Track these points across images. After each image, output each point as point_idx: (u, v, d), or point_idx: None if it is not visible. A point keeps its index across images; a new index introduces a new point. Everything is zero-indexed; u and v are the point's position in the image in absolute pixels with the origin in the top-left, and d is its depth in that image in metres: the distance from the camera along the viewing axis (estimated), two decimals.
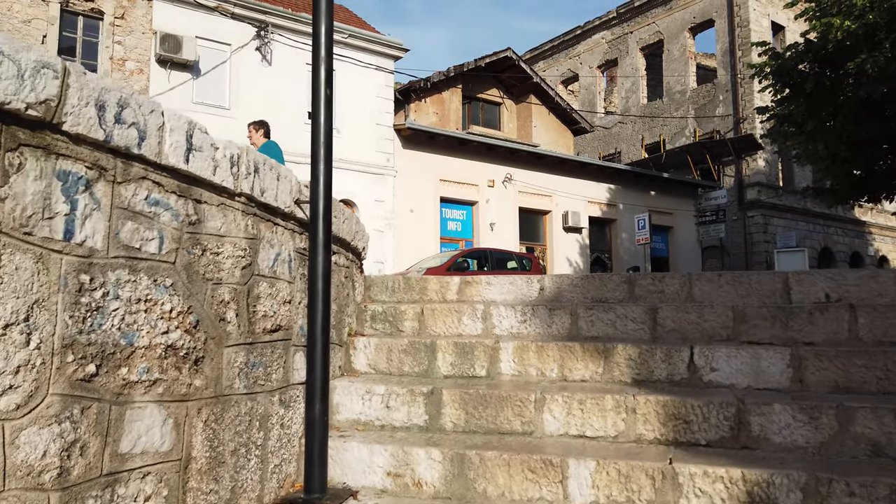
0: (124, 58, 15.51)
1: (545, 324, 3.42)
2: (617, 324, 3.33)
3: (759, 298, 3.46)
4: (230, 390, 2.13)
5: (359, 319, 3.65)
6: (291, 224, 2.63)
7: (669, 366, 2.92)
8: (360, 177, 18.15)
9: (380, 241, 18.30)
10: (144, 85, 15.65)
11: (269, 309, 2.39)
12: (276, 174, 2.44)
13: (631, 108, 30.58)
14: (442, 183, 19.46)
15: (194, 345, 1.97)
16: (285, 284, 2.53)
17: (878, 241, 31.94)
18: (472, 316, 3.53)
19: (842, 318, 3.06)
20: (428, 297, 3.94)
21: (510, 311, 3.49)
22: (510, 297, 3.82)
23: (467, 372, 3.17)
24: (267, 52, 17.15)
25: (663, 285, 3.61)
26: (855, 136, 11.85)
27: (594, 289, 3.71)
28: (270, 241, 2.42)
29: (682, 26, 28.69)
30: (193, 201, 1.98)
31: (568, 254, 21.68)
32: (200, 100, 16.15)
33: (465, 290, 3.91)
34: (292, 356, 2.57)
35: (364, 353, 3.31)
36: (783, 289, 3.44)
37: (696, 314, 3.25)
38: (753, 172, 26.28)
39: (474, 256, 16.29)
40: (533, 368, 3.09)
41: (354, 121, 18.26)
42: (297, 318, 2.61)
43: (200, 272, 2.01)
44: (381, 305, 3.70)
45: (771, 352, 2.84)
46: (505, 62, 22.25)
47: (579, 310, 3.40)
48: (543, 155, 21.13)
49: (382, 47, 18.94)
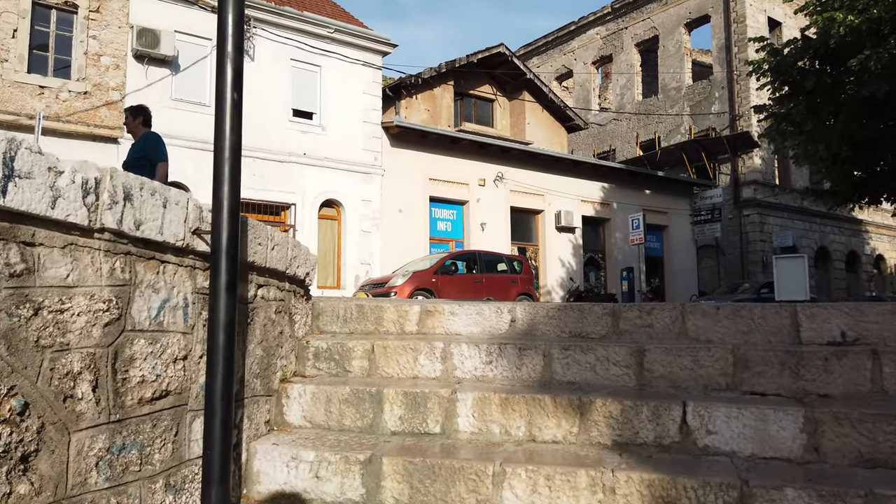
0: (100, 53, 14.94)
1: (514, 366, 2.91)
2: (597, 367, 2.83)
3: (763, 336, 2.96)
4: (83, 488, 1.63)
5: (300, 358, 3.14)
6: (190, 259, 2.12)
7: (658, 426, 2.43)
8: (347, 176, 17.62)
9: (367, 242, 17.79)
10: (121, 81, 15.09)
11: (149, 372, 1.89)
12: (162, 199, 1.93)
13: (626, 104, 30.10)
14: (431, 182, 18.95)
15: (21, 437, 1.48)
16: (177, 337, 2.03)
17: (874, 240, 31.60)
18: (430, 355, 3.02)
19: (863, 365, 2.56)
20: (384, 327, 3.43)
21: (474, 351, 2.98)
22: (477, 329, 3.31)
23: (419, 428, 2.67)
24: (249, 46, 16.59)
25: (652, 318, 3.11)
26: (857, 136, 11.36)
27: (573, 321, 3.20)
28: (154, 286, 1.92)
29: (678, 22, 28.22)
30: (19, 245, 1.47)
31: (561, 254, 21.20)
32: (180, 96, 15.61)
33: (427, 321, 3.40)
34: (188, 425, 2.07)
35: (299, 402, 2.81)
36: (791, 325, 2.94)
37: (689, 358, 2.75)
38: (749, 170, 25.86)
39: (463, 259, 15.79)
40: (496, 425, 2.60)
41: (340, 118, 17.73)
42: (198, 377, 2.11)
43: (31, 339, 1.52)
44: (327, 340, 3.19)
45: (780, 412, 2.34)
46: (498, 58, 21.75)
47: (554, 349, 2.89)
48: (536, 153, 20.63)
49: (369, 42, 18.40)
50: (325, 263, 17.34)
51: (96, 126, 14.55)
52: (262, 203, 16.34)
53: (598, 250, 22.81)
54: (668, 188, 23.97)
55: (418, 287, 13.84)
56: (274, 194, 16.49)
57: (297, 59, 17.29)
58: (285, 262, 2.89)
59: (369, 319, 3.44)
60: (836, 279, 28.69)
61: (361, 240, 17.81)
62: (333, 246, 17.66)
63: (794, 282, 11.30)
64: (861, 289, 29.51)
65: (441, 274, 14.39)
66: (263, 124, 16.48)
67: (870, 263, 31.36)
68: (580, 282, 21.03)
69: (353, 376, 3.07)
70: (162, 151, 5.76)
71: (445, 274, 14.48)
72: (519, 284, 15.62)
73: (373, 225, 17.92)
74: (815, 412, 2.32)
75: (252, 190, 16.16)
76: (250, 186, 16.12)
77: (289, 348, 3.03)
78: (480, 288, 14.87)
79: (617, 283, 21.50)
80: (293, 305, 3.11)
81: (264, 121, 16.52)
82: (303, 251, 3.13)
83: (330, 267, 17.52)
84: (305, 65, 17.47)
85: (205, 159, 15.60)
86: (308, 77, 17.52)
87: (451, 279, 14.54)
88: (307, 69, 17.51)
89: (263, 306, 2.68)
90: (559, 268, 21.08)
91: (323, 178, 17.24)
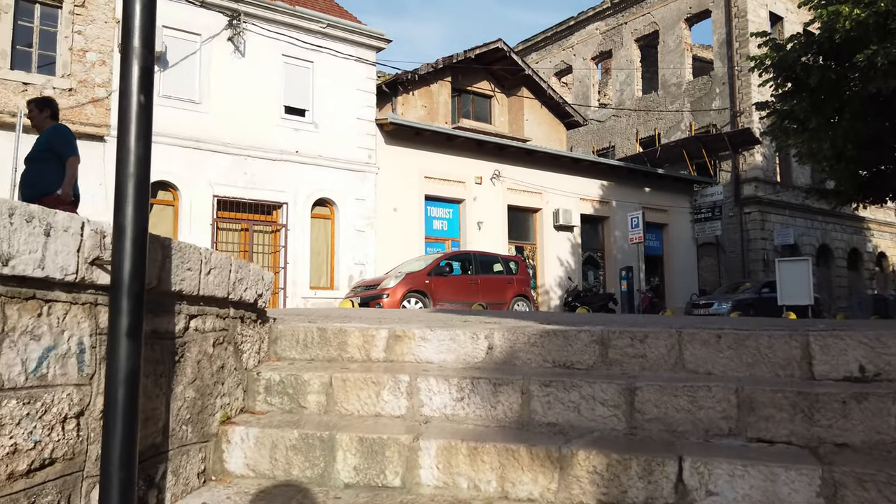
0: (85, 48, 14.57)
1: (488, 403, 2.57)
2: (582, 407, 2.48)
3: (770, 369, 2.61)
4: None
5: (250, 391, 2.79)
6: (89, 295, 1.77)
7: (650, 485, 2.08)
8: (340, 174, 17.26)
9: (361, 242, 17.45)
10: (107, 77, 14.73)
11: (23, 439, 1.54)
12: (43, 226, 1.58)
13: (625, 101, 29.73)
14: (427, 180, 18.60)
15: None
16: (68, 392, 1.68)
17: (876, 238, 31.29)
18: (394, 390, 2.67)
19: (886, 410, 2.22)
20: (348, 353, 3.08)
21: (443, 386, 2.63)
22: (451, 356, 2.96)
23: (375, 480, 2.32)
24: (240, 42, 16.22)
25: (645, 347, 2.75)
26: (862, 134, 10.97)
27: (556, 349, 2.84)
28: (34, 332, 1.58)
29: (678, 17, 27.84)
30: None
31: (559, 253, 20.85)
32: (168, 93, 15.24)
33: (396, 347, 3.04)
34: (84, 496, 1.72)
35: (241, 448, 2.46)
36: (802, 357, 2.59)
37: (687, 398, 2.40)
38: (750, 167, 25.51)
39: (457, 259, 15.43)
40: (463, 478, 2.25)
41: (334, 115, 17.37)
42: (100, 436, 1.77)
43: None
44: (281, 371, 2.84)
45: (793, 471, 1.99)
46: (496, 53, 21.39)
47: (533, 385, 2.54)
48: (534, 150, 20.27)
49: (363, 38, 18.02)
50: (318, 263, 17.00)
51: (82, 124, 14.19)
52: (252, 202, 15.99)
53: (597, 249, 22.46)
54: (668, 186, 23.61)
55: (411, 289, 13.50)
56: (265, 193, 16.14)
57: (289, 54, 16.92)
58: (226, 286, 2.54)
59: (332, 345, 3.09)
60: (837, 277, 28.35)
61: (355, 239, 17.45)
62: (327, 246, 17.32)
63: (797, 285, 10.92)
64: (863, 287, 29.22)
65: (435, 275, 14.05)
66: (254, 122, 16.13)
67: (872, 261, 31.06)
68: (579, 281, 20.69)
69: (308, 413, 2.72)
70: (72, 145, 5.15)
71: (439, 275, 14.13)
72: (515, 286, 15.26)
73: (367, 224, 17.58)
74: (833, 472, 1.97)
75: (243, 189, 15.82)
76: (241, 185, 15.79)
77: (234, 383, 2.68)
78: (475, 289, 14.53)
79: (616, 282, 21.16)
80: (241, 333, 2.76)
81: (255, 118, 16.17)
82: (252, 272, 2.78)
83: (323, 267, 17.18)
84: (298, 61, 17.10)
85: (194, 158, 15.28)
86: (300, 73, 17.15)
87: (446, 280, 14.19)
88: (299, 65, 17.13)
89: (197, 340, 2.33)
90: (557, 267, 20.74)
91: (316, 176, 16.88)
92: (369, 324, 3.24)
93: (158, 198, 15.11)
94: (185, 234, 15.06)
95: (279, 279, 16.25)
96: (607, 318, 5.02)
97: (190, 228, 15.10)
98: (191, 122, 15.38)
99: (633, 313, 19.93)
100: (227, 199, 15.65)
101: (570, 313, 9.31)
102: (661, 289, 23.36)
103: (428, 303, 13.63)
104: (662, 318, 7.02)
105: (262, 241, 16.42)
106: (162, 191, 15.16)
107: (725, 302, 19.04)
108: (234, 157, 15.79)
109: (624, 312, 20.09)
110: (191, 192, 15.22)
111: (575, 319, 4.44)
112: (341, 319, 3.70)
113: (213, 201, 15.44)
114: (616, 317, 6.11)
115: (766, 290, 19.89)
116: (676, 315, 17.68)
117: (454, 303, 14.05)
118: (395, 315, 5.08)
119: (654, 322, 4.59)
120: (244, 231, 16.10)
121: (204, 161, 15.40)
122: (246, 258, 16.04)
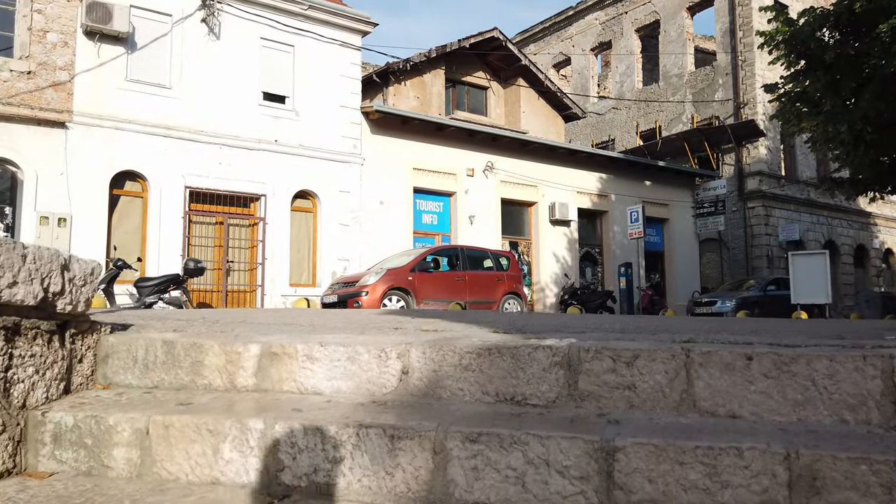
0: (45, 28, 13.59)
1: (381, 469, 1.61)
2: (528, 479, 1.52)
3: (832, 411, 1.65)
4: None
5: (32, 442, 1.83)
6: None
7: None
8: (323, 165, 16.28)
9: (345, 237, 16.47)
10: (70, 60, 13.74)
11: None
12: None
13: (625, 92, 28.73)
14: (416, 172, 17.64)
15: None
16: None
17: (883, 233, 30.38)
18: (241, 444, 1.71)
19: None
20: (204, 379, 2.12)
21: (315, 439, 1.66)
22: (348, 385, 2.00)
23: None
24: (214, 24, 15.24)
25: (635, 374, 1.78)
26: (885, 116, 9.92)
27: (501, 375, 1.88)
28: None
29: (680, 5, 26.83)
30: None
31: (555, 249, 19.89)
32: (136, 77, 14.26)
33: (272, 370, 2.08)
34: None
35: None
36: (884, 392, 1.64)
37: (702, 467, 1.44)
38: (754, 161, 24.54)
39: (444, 255, 14.45)
40: None
41: (316, 102, 16.38)
42: None
43: None
44: (78, 412, 1.88)
45: None
46: (491, 43, 20.43)
47: (453, 439, 1.58)
48: (528, 141, 19.29)
49: (348, 21, 17.03)
50: (298, 259, 16.03)
51: (41, 109, 13.22)
52: (228, 194, 15.00)
53: (595, 244, 21.50)
54: (669, 179, 22.63)
55: (392, 286, 12.52)
56: (242, 184, 15.15)
57: (268, 37, 15.93)
58: None
59: (182, 366, 2.12)
60: (843, 274, 27.40)
61: (339, 234, 16.48)
62: (308, 240, 16.35)
63: (813, 282, 9.88)
64: (869, 284, 28.30)
65: (419, 271, 13.07)
66: (230, 108, 15.15)
67: (878, 258, 30.17)
68: (575, 278, 19.73)
69: (113, 478, 1.76)
70: None
71: (424, 271, 13.15)
72: (506, 282, 14.28)
73: (352, 218, 16.60)
74: None
75: (218, 179, 14.84)
76: (216, 176, 14.80)
77: None
78: (462, 287, 13.55)
79: (615, 279, 20.22)
80: (17, 354, 1.80)
81: (231, 105, 15.18)
82: (32, 256, 1.80)
83: (304, 263, 16.21)
84: (277, 44, 16.11)
85: (165, 147, 14.28)
86: (280, 58, 16.16)
87: (430, 277, 13.22)
88: (279, 49, 16.15)
89: None
90: (553, 263, 19.77)
91: (296, 166, 15.90)
92: (232, 341, 2.25)
93: (126, 189, 14.17)
94: (155, 228, 14.11)
95: (256, 275, 15.31)
96: (592, 323, 4.04)
97: (160, 222, 14.14)
98: (161, 108, 14.40)
99: (633, 312, 18.96)
100: (201, 191, 14.67)
101: (539, 316, 8.33)
102: (662, 286, 22.41)
103: (411, 301, 12.67)
104: (663, 320, 6.05)
105: (238, 235, 15.45)
106: (130, 181, 14.20)
107: (729, 300, 18.10)
108: (208, 145, 14.80)
109: (623, 310, 19.14)
110: (161, 182, 14.24)
111: (540, 325, 3.48)
112: (229, 327, 2.72)
113: (185, 193, 14.46)
114: (606, 320, 5.14)
115: (772, 287, 18.92)
116: (678, 316, 16.73)
117: (439, 301, 13.10)
118: (330, 321, 4.11)
119: (653, 329, 3.62)
120: (219, 225, 15.12)
121: (175, 150, 14.42)
122: (221, 253, 15.07)
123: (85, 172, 13.33)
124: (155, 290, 12.11)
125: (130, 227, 14.04)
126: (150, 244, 14.00)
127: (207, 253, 14.79)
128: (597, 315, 11.63)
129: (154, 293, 12.08)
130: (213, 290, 14.88)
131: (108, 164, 13.58)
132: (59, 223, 13.12)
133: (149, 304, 11.95)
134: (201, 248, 14.73)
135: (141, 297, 12.05)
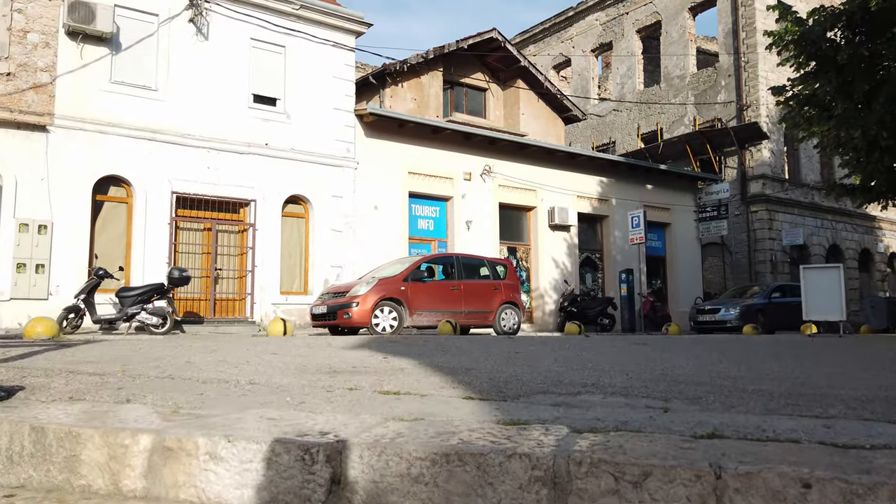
0: (26, 29, 13.11)
1: None
2: None
3: None
4: None
5: None
6: None
7: None
8: (315, 169, 15.78)
9: (338, 243, 15.97)
10: (51, 61, 13.26)
11: None
12: None
13: (626, 94, 28.26)
14: (411, 176, 17.15)
15: None
16: None
17: (888, 237, 29.93)
18: None
19: None
20: (82, 480, 1.61)
21: None
22: (262, 497, 1.52)
23: None
24: (202, 24, 14.76)
25: (644, 501, 1.31)
26: None
27: (463, 494, 1.38)
28: None
29: (682, 6, 26.37)
30: None
31: (554, 254, 19.40)
32: (121, 79, 13.78)
33: (165, 473, 1.57)
34: None
35: None
36: None
37: None
38: (757, 164, 24.07)
39: (440, 263, 13.96)
40: None
41: (308, 105, 15.90)
42: None
43: None
44: None
45: None
46: (490, 43, 19.95)
47: None
48: (527, 144, 18.80)
49: (341, 21, 16.54)
50: (289, 266, 15.54)
51: (21, 112, 12.75)
52: (217, 199, 14.52)
53: (596, 250, 21.01)
54: (671, 183, 22.14)
55: (384, 296, 12.02)
56: (231, 189, 14.66)
57: (258, 38, 15.46)
58: None
59: (55, 460, 1.63)
60: (849, 279, 26.82)
61: (332, 240, 15.98)
62: (300, 247, 15.86)
63: (827, 298, 9.35)
64: (874, 288, 27.84)
65: (412, 281, 12.57)
66: (219, 111, 14.66)
67: (883, 262, 29.72)
68: (575, 284, 19.25)
69: None
70: None
71: (417, 281, 12.65)
72: (503, 291, 13.77)
73: (345, 224, 16.11)
74: None
75: (206, 184, 14.34)
76: (204, 181, 14.31)
77: None
78: (457, 297, 13.04)
79: (615, 285, 19.74)
80: None
81: (220, 107, 14.70)
82: None
83: (296, 270, 15.72)
84: (268, 45, 15.63)
85: (151, 150, 13.80)
86: (271, 59, 15.68)
87: (424, 286, 12.71)
88: (270, 50, 15.67)
89: None
90: (553, 269, 19.29)
91: (288, 170, 15.41)
92: (117, 430, 1.74)
93: (110, 195, 13.68)
94: (140, 234, 13.61)
95: (246, 283, 14.82)
96: (589, 375, 3.55)
97: (145, 229, 13.65)
98: (147, 110, 13.92)
99: (634, 319, 18.48)
100: (188, 196, 14.17)
101: (534, 345, 7.88)
102: (664, 292, 21.93)
103: (403, 312, 12.18)
104: (667, 357, 5.56)
105: (227, 241, 14.96)
106: (114, 187, 13.71)
107: (733, 308, 17.64)
108: (195, 149, 14.30)
109: (624, 318, 18.67)
110: (147, 188, 13.74)
111: (528, 374, 2.96)
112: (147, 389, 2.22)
113: (171, 198, 13.97)
114: (604, 363, 4.65)
115: (777, 294, 18.45)
116: (683, 334, 16.19)
117: (433, 312, 12.60)
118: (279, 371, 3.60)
119: (656, 377, 3.12)
120: (207, 231, 14.63)
121: (162, 154, 13.93)
122: (209, 261, 14.59)
123: (67, 177, 12.86)
124: (138, 300, 11.62)
125: (114, 234, 13.56)
126: (135, 251, 13.50)
127: (195, 260, 14.31)
128: (594, 341, 11.16)
129: (137, 303, 11.60)
130: (201, 298, 14.39)
131: (91, 169, 13.10)
132: (39, 230, 12.64)
133: (130, 315, 11.48)
134: (189, 256, 14.25)
135: (123, 307, 11.57)
